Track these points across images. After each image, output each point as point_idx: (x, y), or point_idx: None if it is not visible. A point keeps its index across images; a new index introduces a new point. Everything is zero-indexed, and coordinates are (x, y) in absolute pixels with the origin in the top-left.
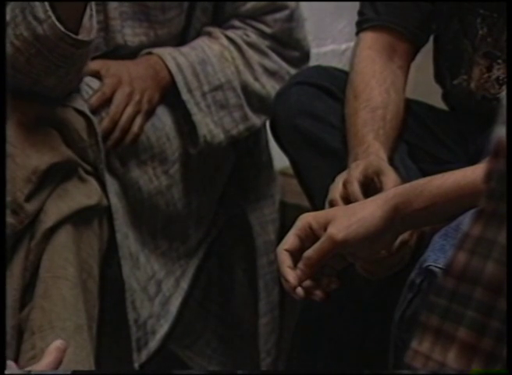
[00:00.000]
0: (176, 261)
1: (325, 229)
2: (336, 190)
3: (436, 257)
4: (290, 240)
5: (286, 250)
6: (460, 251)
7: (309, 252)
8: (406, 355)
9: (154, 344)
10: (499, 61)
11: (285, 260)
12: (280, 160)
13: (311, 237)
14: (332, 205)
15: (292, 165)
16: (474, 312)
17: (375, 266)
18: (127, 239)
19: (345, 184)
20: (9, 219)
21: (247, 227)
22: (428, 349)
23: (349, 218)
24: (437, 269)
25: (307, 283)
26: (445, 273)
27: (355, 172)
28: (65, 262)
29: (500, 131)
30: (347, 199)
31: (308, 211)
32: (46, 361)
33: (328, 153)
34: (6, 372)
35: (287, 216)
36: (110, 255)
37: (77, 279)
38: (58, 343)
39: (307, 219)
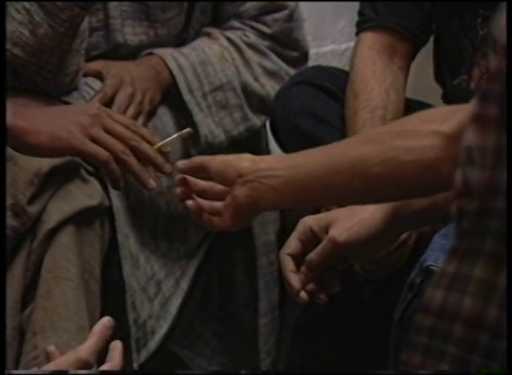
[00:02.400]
0: (176, 261)
1: (327, 231)
2: None
3: (436, 257)
4: (292, 244)
5: (289, 254)
6: (436, 289)
7: (311, 255)
8: None
9: (153, 344)
10: None
11: (288, 264)
12: None
13: (312, 240)
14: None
15: None
16: (455, 348)
17: (374, 265)
18: (128, 239)
19: None
20: (12, 221)
21: (247, 227)
22: None
23: (350, 220)
24: (437, 269)
25: (311, 286)
26: (423, 311)
27: None
28: (67, 263)
29: (469, 172)
30: None
31: (308, 211)
32: (90, 342)
33: None
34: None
35: (287, 217)
36: (110, 256)
37: (79, 279)
38: (105, 320)
39: (308, 222)
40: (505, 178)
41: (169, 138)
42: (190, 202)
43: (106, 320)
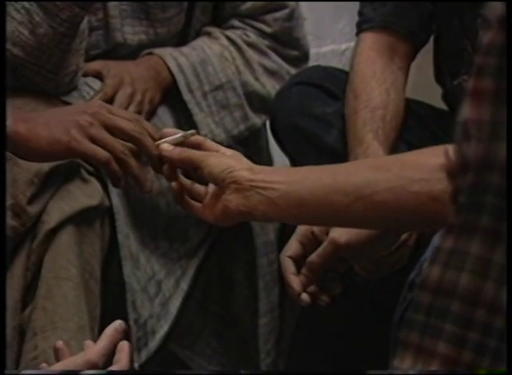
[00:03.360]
0: (176, 261)
1: (327, 233)
2: None
3: None
4: (293, 246)
5: (289, 256)
6: (433, 266)
7: (312, 257)
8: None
9: (154, 344)
10: None
11: (288, 267)
12: (280, 160)
13: (313, 242)
14: None
15: (292, 165)
16: (452, 326)
17: (374, 266)
18: (128, 239)
19: None
20: (12, 221)
21: (247, 227)
22: (410, 366)
23: None
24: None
25: (312, 288)
26: (420, 288)
27: None
28: (67, 263)
29: (465, 147)
30: None
31: None
32: (100, 345)
33: (329, 153)
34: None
35: None
36: (110, 256)
37: (79, 279)
38: (116, 324)
39: None
40: (502, 152)
41: (172, 137)
42: (173, 183)
43: (118, 324)
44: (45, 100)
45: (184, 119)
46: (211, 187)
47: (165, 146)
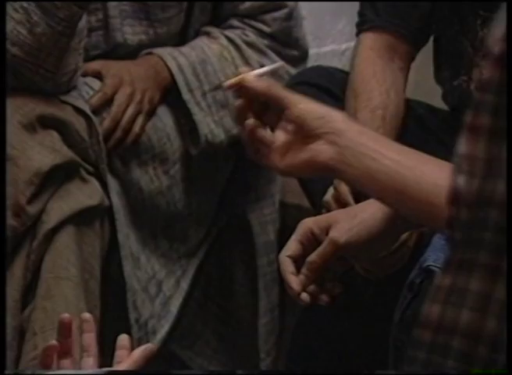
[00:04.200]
0: (177, 261)
1: (327, 233)
2: (329, 192)
3: (436, 257)
4: (292, 246)
5: (289, 256)
6: (433, 304)
7: (312, 257)
8: None
9: (155, 344)
10: None
11: (288, 267)
12: None
13: (312, 242)
14: (325, 207)
15: None
16: (454, 362)
17: (374, 266)
18: (128, 239)
19: (335, 186)
20: (11, 221)
21: (247, 227)
22: None
23: (350, 221)
24: (437, 269)
25: (312, 288)
26: (421, 327)
27: None
28: (67, 263)
29: (457, 180)
30: (340, 201)
31: (308, 211)
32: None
33: None
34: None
35: (287, 216)
36: (110, 255)
37: (79, 279)
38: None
39: (308, 224)
40: (499, 189)
41: (260, 70)
42: (249, 120)
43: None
44: (44, 100)
45: (184, 118)
46: (282, 134)
47: (251, 76)
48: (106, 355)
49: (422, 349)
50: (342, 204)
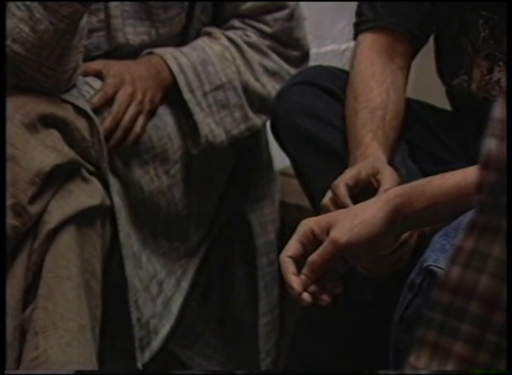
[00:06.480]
0: (177, 261)
1: (328, 233)
2: (327, 195)
3: (436, 257)
4: (293, 246)
5: (289, 256)
6: (454, 265)
7: (313, 257)
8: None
9: (156, 343)
10: (501, 63)
11: (288, 267)
12: (280, 160)
13: (313, 242)
14: (323, 210)
15: (292, 165)
16: (469, 326)
17: (375, 265)
18: (130, 239)
19: (333, 189)
20: (13, 221)
21: (247, 227)
22: (425, 364)
23: (351, 221)
24: (437, 269)
25: (313, 288)
26: (440, 287)
27: (345, 176)
28: (68, 263)
29: (489, 144)
30: (338, 204)
31: (308, 211)
32: None
33: (329, 153)
34: None
35: (287, 216)
36: (112, 255)
37: (80, 279)
38: None
39: (308, 224)
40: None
41: None
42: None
43: None
44: (45, 99)
45: (184, 118)
46: None
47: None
48: (106, 354)
49: (439, 310)
50: (340, 207)
